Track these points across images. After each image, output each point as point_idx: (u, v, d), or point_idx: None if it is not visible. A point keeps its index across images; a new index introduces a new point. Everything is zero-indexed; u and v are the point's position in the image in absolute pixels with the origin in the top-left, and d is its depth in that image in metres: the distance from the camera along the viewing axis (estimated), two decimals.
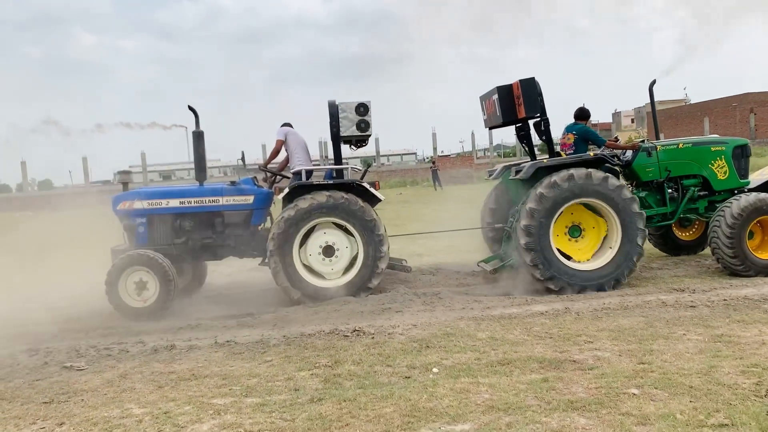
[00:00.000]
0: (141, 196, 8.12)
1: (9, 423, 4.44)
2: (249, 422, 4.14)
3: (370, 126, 8.00)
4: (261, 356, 5.71)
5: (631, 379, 4.49)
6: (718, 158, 8.60)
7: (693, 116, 48.82)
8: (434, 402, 4.27)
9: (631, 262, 7.67)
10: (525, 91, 7.94)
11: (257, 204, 8.18)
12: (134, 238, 8.13)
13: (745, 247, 7.75)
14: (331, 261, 7.80)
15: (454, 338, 5.85)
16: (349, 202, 7.65)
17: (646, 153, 8.51)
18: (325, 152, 43.94)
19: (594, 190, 7.61)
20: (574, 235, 8.01)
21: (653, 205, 8.58)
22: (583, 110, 8.81)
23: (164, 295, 7.52)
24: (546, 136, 8.26)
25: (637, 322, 6.05)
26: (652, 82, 8.82)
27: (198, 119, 8.08)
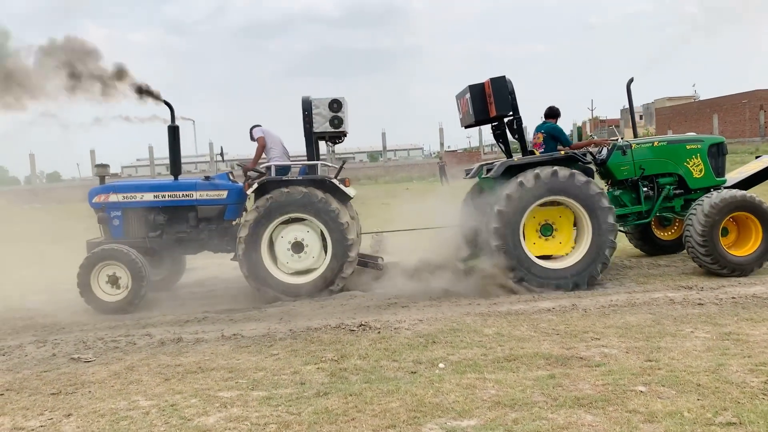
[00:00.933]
0: (116, 190, 8.19)
1: (17, 414, 4.47)
2: (255, 415, 4.14)
3: (344, 122, 7.97)
4: (267, 350, 5.73)
5: (638, 376, 4.48)
6: (694, 156, 8.54)
7: (702, 113, 48.52)
8: (440, 397, 4.27)
9: (604, 256, 7.64)
10: (496, 89, 7.96)
11: (231, 199, 8.20)
12: (109, 231, 8.18)
13: (718, 245, 7.66)
14: (300, 257, 7.78)
15: (460, 334, 5.84)
16: (313, 196, 7.62)
17: (620, 151, 8.46)
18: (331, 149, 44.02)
19: (561, 188, 7.59)
20: (546, 234, 7.97)
21: (628, 203, 8.55)
22: (552, 109, 8.80)
23: (136, 289, 7.57)
24: (518, 135, 8.27)
25: (644, 319, 6.02)
26: (629, 80, 8.79)
27: (174, 114, 8.12)
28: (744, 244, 7.91)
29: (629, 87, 8.80)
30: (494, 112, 8.01)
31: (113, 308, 7.54)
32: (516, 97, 8.03)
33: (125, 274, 7.60)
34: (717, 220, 7.63)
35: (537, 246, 7.88)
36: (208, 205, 8.19)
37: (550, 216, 7.93)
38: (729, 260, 7.68)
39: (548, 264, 7.73)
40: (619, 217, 8.42)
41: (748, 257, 7.74)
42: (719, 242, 7.67)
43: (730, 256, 7.71)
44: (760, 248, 7.76)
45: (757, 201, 7.76)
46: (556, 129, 8.59)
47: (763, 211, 7.74)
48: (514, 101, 8.02)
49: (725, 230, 7.92)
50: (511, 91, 7.99)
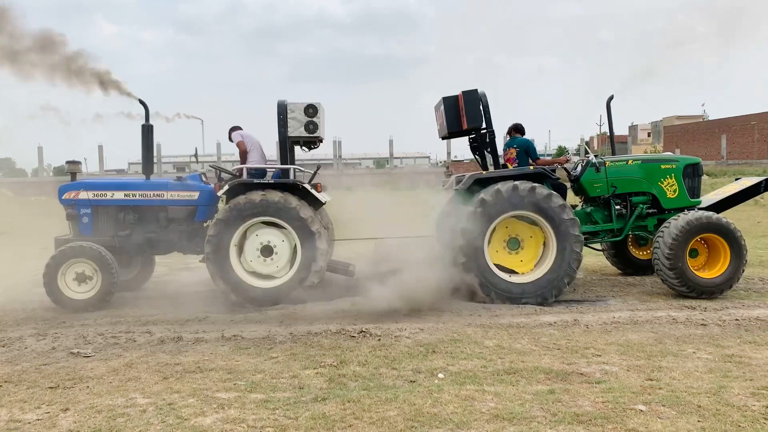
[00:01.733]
0: (86, 187, 8.13)
1: (14, 406, 4.47)
2: (252, 418, 4.13)
3: (319, 128, 7.94)
4: (267, 352, 5.71)
5: (638, 395, 4.45)
6: (668, 176, 8.51)
7: (710, 133, 48.42)
8: (439, 408, 4.25)
9: (570, 269, 7.64)
10: (467, 102, 8.02)
11: (202, 200, 8.13)
12: (78, 228, 8.12)
13: (685, 267, 7.62)
14: (266, 261, 7.67)
15: (460, 344, 5.82)
16: (285, 201, 7.55)
17: (594, 168, 8.44)
18: (339, 152, 44.03)
19: (523, 202, 7.61)
20: (514, 248, 7.96)
21: (600, 221, 8.52)
22: (519, 125, 8.83)
23: (104, 287, 7.55)
24: (491, 149, 8.29)
25: (646, 338, 5.99)
26: (609, 98, 8.76)
27: (148, 113, 8.09)
28: (713, 266, 7.88)
29: (609, 104, 8.79)
30: (466, 124, 8.07)
31: (80, 306, 7.48)
32: (489, 111, 8.07)
33: (94, 272, 7.57)
34: (684, 242, 7.60)
35: (499, 255, 7.90)
36: (178, 206, 8.12)
37: (521, 232, 7.94)
38: (696, 282, 7.65)
39: (514, 279, 7.75)
40: (590, 234, 8.45)
41: (716, 279, 7.71)
42: (686, 264, 7.64)
43: (697, 278, 7.68)
44: (727, 270, 7.72)
45: (724, 222, 7.73)
46: (528, 143, 8.64)
47: (730, 233, 7.72)
48: (487, 114, 8.07)
49: (695, 252, 7.91)
50: (485, 104, 8.04)
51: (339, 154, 44.19)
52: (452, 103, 8.25)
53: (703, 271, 7.84)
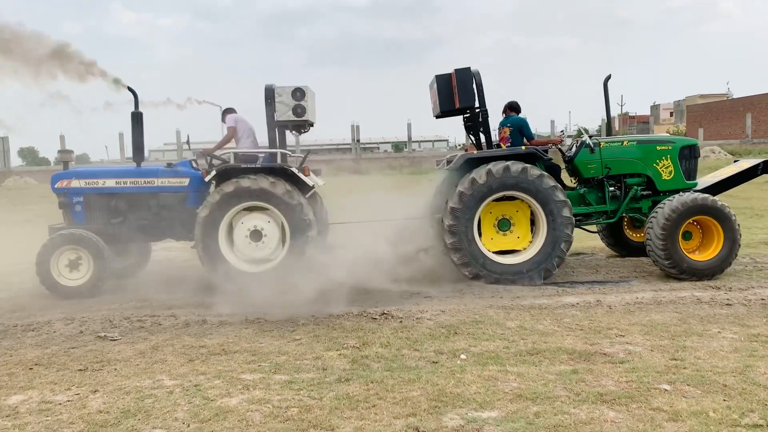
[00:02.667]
0: (78, 176, 8.17)
1: (45, 388, 4.57)
2: (277, 399, 4.18)
3: (307, 111, 7.87)
4: (290, 335, 5.77)
5: (662, 374, 4.43)
6: (664, 158, 8.34)
7: (735, 111, 47.52)
8: (462, 388, 4.27)
9: (559, 250, 7.61)
10: (460, 81, 7.94)
11: (193, 186, 8.11)
12: (71, 217, 8.17)
13: (678, 249, 7.52)
14: (257, 246, 7.62)
15: (482, 326, 5.83)
16: (271, 185, 7.49)
17: (588, 149, 8.31)
18: (357, 136, 43.99)
19: (513, 183, 7.57)
20: (504, 229, 7.93)
21: (593, 202, 8.41)
22: (514, 103, 8.74)
23: (96, 274, 7.62)
24: (483, 128, 8.21)
25: (670, 318, 5.94)
26: (606, 77, 8.57)
27: (137, 100, 8.05)
28: (707, 248, 7.78)
29: (606, 84, 8.62)
30: (458, 103, 8.01)
31: (72, 293, 7.57)
32: (482, 89, 8.00)
33: (86, 259, 7.65)
34: (677, 224, 7.50)
35: (495, 241, 7.89)
36: (169, 192, 8.12)
37: (506, 211, 7.90)
38: (689, 264, 7.56)
39: (503, 259, 7.74)
40: (584, 216, 8.37)
41: (709, 262, 7.61)
42: (679, 246, 7.54)
43: (689, 260, 7.58)
44: (720, 253, 7.61)
45: (719, 205, 7.60)
46: (522, 122, 8.53)
47: (724, 215, 7.60)
48: (480, 93, 8.00)
49: (688, 234, 7.81)
50: (478, 83, 7.96)
51: (357, 139, 44.15)
52: (445, 82, 8.17)
53: (696, 254, 7.75)
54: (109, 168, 8.90)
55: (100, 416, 4.01)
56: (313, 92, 8.26)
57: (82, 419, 3.97)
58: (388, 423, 3.76)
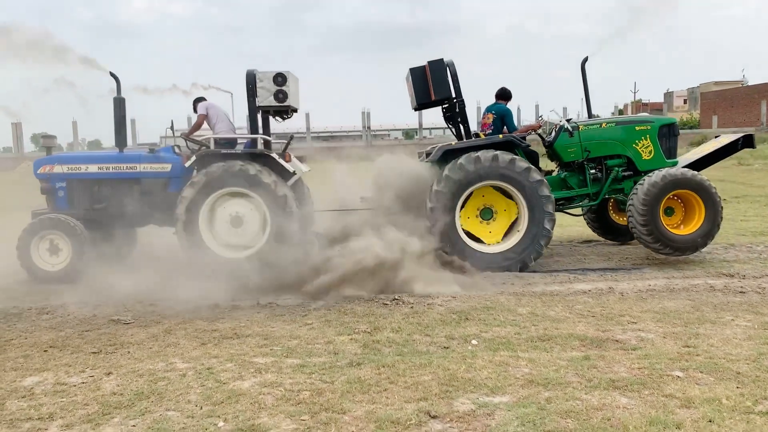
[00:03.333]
0: (61, 161, 8.17)
1: (60, 369, 4.62)
2: (289, 382, 4.20)
3: (288, 96, 7.83)
4: (302, 319, 5.79)
5: (675, 361, 4.41)
6: (643, 138, 8.31)
7: (750, 98, 46.90)
8: (473, 373, 4.27)
9: (538, 245, 7.62)
10: (434, 72, 7.95)
11: (175, 172, 8.07)
12: (54, 202, 8.18)
13: (659, 225, 7.52)
14: (238, 231, 7.61)
15: (493, 312, 5.82)
16: (250, 170, 7.44)
17: (567, 133, 8.27)
18: (367, 122, 43.88)
19: (500, 173, 7.56)
20: (486, 218, 7.93)
21: (575, 186, 8.40)
22: (504, 90, 8.70)
23: (77, 258, 7.64)
24: (461, 118, 8.20)
25: (683, 305, 5.91)
26: (584, 59, 8.50)
27: (119, 86, 8.00)
28: (689, 223, 7.77)
29: (584, 66, 8.55)
30: (434, 95, 8.00)
31: (52, 277, 7.62)
32: (458, 80, 7.99)
33: (66, 244, 7.69)
34: (657, 199, 7.51)
35: (470, 222, 7.90)
36: (152, 178, 8.11)
37: (497, 203, 7.92)
38: (670, 239, 7.57)
39: (482, 247, 7.76)
40: (566, 200, 8.38)
41: (691, 236, 7.62)
42: (660, 221, 7.54)
43: (671, 234, 7.58)
44: (702, 227, 7.62)
45: (698, 178, 7.59)
46: (506, 111, 8.54)
47: (704, 188, 7.58)
48: (456, 83, 7.99)
49: (671, 210, 7.80)
50: (453, 73, 7.94)
51: (368, 125, 44.05)
52: (419, 74, 8.17)
53: (679, 229, 7.73)
54: (91, 153, 8.92)
55: (114, 398, 4.05)
56: (296, 78, 8.22)
57: (96, 401, 4.01)
58: (400, 407, 3.77)
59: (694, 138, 33.37)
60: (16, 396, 4.15)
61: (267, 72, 7.84)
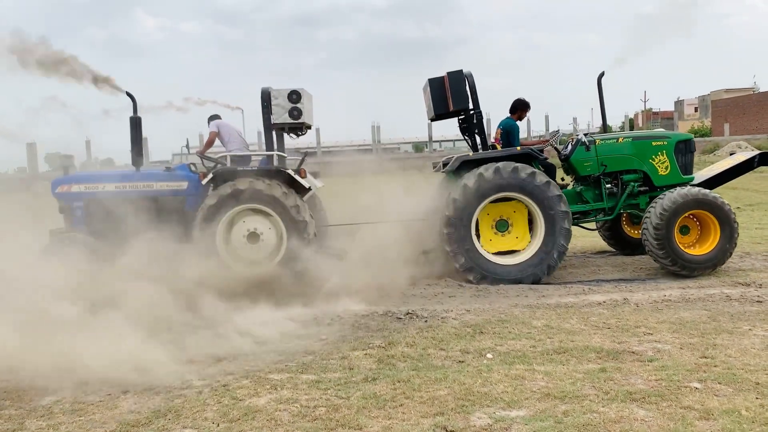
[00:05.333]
0: (78, 180, 8.21)
1: (77, 389, 4.62)
2: (305, 398, 4.21)
3: (303, 113, 7.89)
4: (316, 334, 5.80)
5: (693, 372, 4.37)
6: (660, 153, 8.28)
7: (762, 105, 46.65)
8: (489, 387, 4.26)
9: (552, 260, 7.61)
10: (452, 83, 7.99)
11: (191, 190, 8.10)
12: (72, 221, 8.20)
13: (674, 244, 7.46)
14: (254, 248, 7.64)
15: (508, 325, 5.80)
16: (270, 188, 7.52)
17: (584, 147, 8.26)
18: (377, 137, 43.99)
19: (507, 184, 7.58)
20: (502, 230, 7.93)
21: (590, 200, 8.36)
22: (515, 102, 8.71)
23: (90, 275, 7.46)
24: (478, 129, 8.24)
25: (699, 316, 5.87)
26: (600, 74, 8.47)
27: (136, 105, 8.06)
28: (704, 242, 7.72)
29: (600, 81, 8.54)
30: (452, 106, 8.04)
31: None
32: (476, 91, 8.01)
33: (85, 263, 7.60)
34: (672, 219, 7.46)
35: (494, 242, 7.90)
36: (168, 196, 8.14)
37: (504, 212, 7.91)
38: (685, 259, 7.51)
39: (494, 258, 7.75)
40: (581, 214, 8.36)
41: (705, 256, 7.55)
42: (674, 240, 7.49)
43: (685, 254, 7.52)
44: (717, 247, 7.56)
45: (711, 197, 7.54)
46: (511, 127, 8.57)
47: (720, 209, 7.53)
48: (474, 95, 8.02)
49: (686, 229, 7.75)
50: (471, 85, 7.99)
51: (378, 139, 44.16)
52: (438, 85, 8.22)
53: (693, 248, 7.69)
54: (108, 172, 8.99)
55: (131, 416, 4.07)
56: (310, 94, 8.29)
57: (113, 419, 4.04)
58: (416, 422, 3.76)
59: (706, 146, 33.16)
60: (35, 416, 4.18)
61: (282, 89, 7.92)
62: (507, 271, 7.64)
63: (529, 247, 7.79)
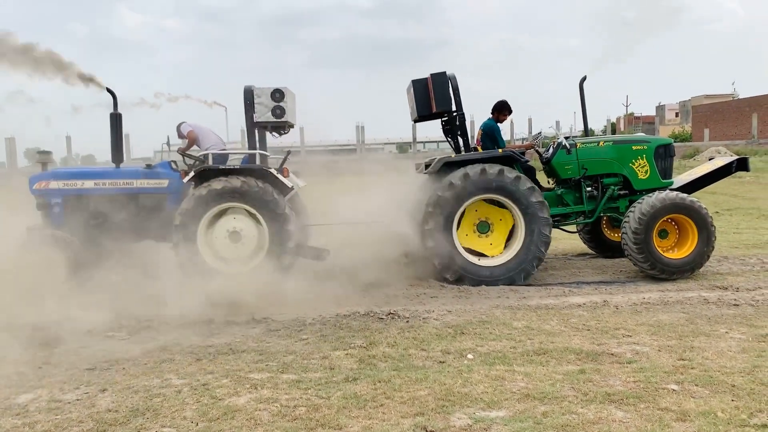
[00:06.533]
0: (56, 177, 8.09)
1: (54, 387, 4.59)
2: (285, 398, 4.20)
3: (285, 112, 7.87)
4: (297, 334, 5.78)
5: (670, 374, 4.42)
6: (639, 157, 8.40)
7: (741, 111, 47.31)
8: (469, 387, 4.27)
9: (530, 266, 7.70)
10: (436, 85, 8.02)
11: (172, 188, 8.05)
12: (49, 218, 8.09)
13: (652, 248, 7.57)
14: (236, 246, 7.59)
15: (489, 326, 5.83)
16: (249, 186, 7.50)
17: (565, 150, 8.36)
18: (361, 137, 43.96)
19: (491, 186, 7.64)
20: (483, 231, 8.00)
21: (571, 203, 8.46)
22: (496, 104, 8.77)
23: (71, 275, 7.52)
24: (461, 131, 8.30)
25: (677, 318, 5.93)
26: (582, 78, 8.60)
27: (116, 101, 7.98)
28: (682, 246, 7.84)
29: (582, 85, 8.65)
30: (435, 107, 8.08)
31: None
32: (459, 93, 8.07)
33: (62, 260, 7.54)
34: (651, 222, 7.56)
35: (469, 238, 7.97)
36: (149, 194, 8.07)
37: (491, 215, 7.98)
38: (663, 262, 7.61)
39: (474, 260, 7.80)
40: (562, 217, 8.46)
41: (683, 260, 7.66)
42: (653, 244, 7.59)
43: (664, 258, 7.63)
44: (694, 251, 7.67)
45: (689, 202, 7.66)
46: (491, 128, 8.62)
47: (698, 213, 7.65)
48: (457, 97, 8.07)
49: (665, 232, 7.87)
50: (454, 86, 8.04)
51: (362, 140, 44.13)
52: (421, 86, 8.23)
53: (672, 252, 7.81)
54: (87, 168, 8.86)
55: (109, 415, 4.03)
56: (294, 93, 8.27)
57: (91, 418, 3.99)
58: (396, 422, 3.77)
59: (686, 151, 33.54)
60: (10, 413, 4.12)
61: (265, 88, 7.87)
62: (485, 273, 7.68)
63: (503, 254, 7.85)
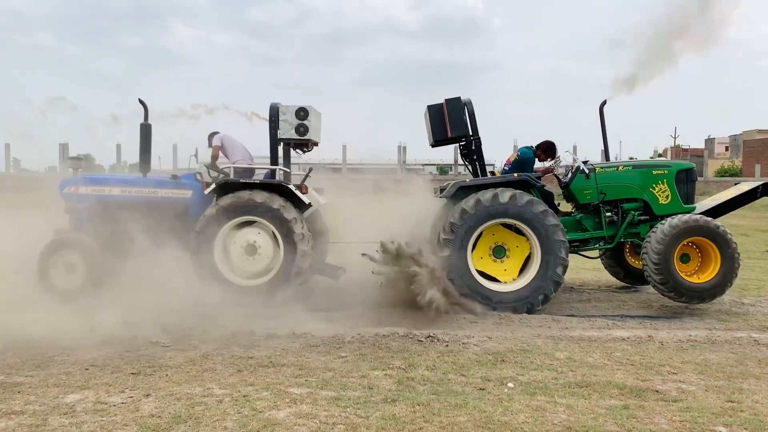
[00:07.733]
0: (86, 182, 8.35)
1: (100, 389, 4.71)
2: (324, 414, 4.21)
3: (309, 130, 8.01)
4: (336, 351, 5.81)
5: (718, 416, 4.29)
6: (660, 182, 8.24)
7: None
8: (509, 416, 4.22)
9: (548, 290, 7.54)
10: (450, 110, 8.05)
11: (195, 199, 8.22)
12: (76, 222, 8.33)
13: (673, 272, 7.39)
14: (252, 260, 7.74)
15: (530, 355, 5.76)
16: (269, 201, 7.64)
17: (584, 175, 8.25)
18: (403, 157, 44.10)
19: (504, 211, 7.55)
20: (499, 256, 7.88)
21: (590, 228, 8.32)
22: (545, 142, 8.67)
23: (91, 278, 7.75)
24: (477, 156, 8.24)
25: (725, 358, 5.76)
26: (602, 103, 8.51)
27: (147, 112, 8.25)
28: (704, 270, 7.63)
29: (602, 109, 8.53)
30: (450, 133, 8.10)
31: (67, 295, 7.70)
32: (474, 118, 8.07)
33: (81, 263, 7.83)
34: (671, 246, 7.40)
35: (483, 262, 7.86)
36: (172, 203, 8.27)
37: (508, 241, 7.88)
38: (685, 287, 7.44)
39: (490, 285, 7.69)
40: (581, 242, 8.31)
41: (705, 284, 7.47)
42: (674, 268, 7.42)
43: (686, 282, 7.44)
44: (717, 275, 7.47)
45: (713, 226, 7.45)
46: (528, 158, 8.54)
47: (720, 236, 7.44)
48: (472, 122, 8.06)
49: (687, 257, 7.68)
50: (470, 111, 8.05)
51: (403, 160, 44.26)
52: (437, 111, 8.27)
53: (694, 276, 7.60)
54: (115, 176, 9.18)
55: (152, 420, 4.11)
56: (319, 112, 8.41)
57: (135, 422, 4.08)
58: None
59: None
60: (59, 412, 4.24)
61: (290, 106, 8.09)
62: (502, 298, 7.59)
63: (515, 282, 7.74)
